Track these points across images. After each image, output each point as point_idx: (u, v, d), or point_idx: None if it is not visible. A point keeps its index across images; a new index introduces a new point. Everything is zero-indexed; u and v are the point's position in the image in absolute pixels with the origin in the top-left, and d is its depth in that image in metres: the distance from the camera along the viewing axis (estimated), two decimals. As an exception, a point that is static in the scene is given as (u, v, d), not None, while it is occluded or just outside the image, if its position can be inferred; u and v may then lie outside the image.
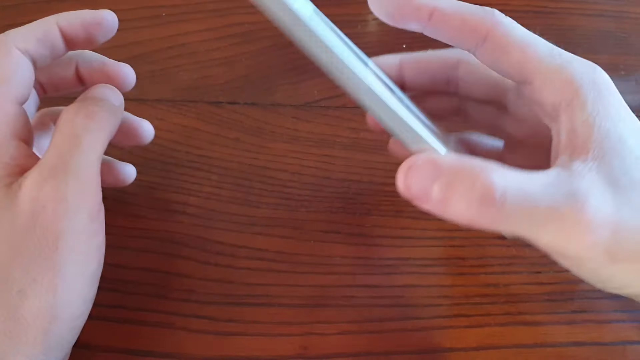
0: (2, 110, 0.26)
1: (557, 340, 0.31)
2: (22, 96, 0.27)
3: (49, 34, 0.28)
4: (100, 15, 0.29)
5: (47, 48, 0.28)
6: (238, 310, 0.31)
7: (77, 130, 0.26)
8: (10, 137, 0.26)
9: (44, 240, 0.24)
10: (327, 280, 0.32)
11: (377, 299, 0.31)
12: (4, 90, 0.27)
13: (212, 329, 0.30)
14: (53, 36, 0.28)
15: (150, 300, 0.31)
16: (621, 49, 0.39)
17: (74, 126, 0.26)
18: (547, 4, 0.39)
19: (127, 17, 0.38)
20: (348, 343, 0.30)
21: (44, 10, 0.38)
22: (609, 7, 0.40)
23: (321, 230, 0.33)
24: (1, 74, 0.27)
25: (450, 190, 0.21)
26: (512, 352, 0.30)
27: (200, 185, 0.34)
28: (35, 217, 0.24)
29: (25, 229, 0.24)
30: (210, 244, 0.32)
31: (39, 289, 0.24)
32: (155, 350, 0.30)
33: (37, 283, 0.24)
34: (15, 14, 0.38)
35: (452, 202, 0.21)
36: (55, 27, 0.28)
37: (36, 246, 0.24)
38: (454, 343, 0.30)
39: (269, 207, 0.34)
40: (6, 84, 0.27)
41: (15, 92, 0.27)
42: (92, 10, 0.28)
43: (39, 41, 0.28)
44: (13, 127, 0.26)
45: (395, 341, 0.31)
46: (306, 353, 0.30)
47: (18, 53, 0.27)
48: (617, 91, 0.23)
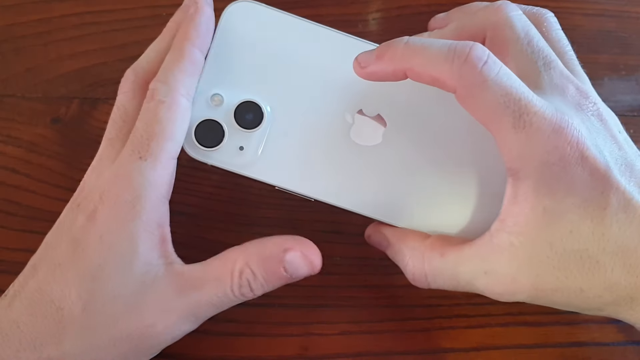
0: (166, 169, 0.26)
1: (557, 341, 0.31)
2: (179, 150, 0.27)
3: (198, 64, 0.28)
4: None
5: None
6: (238, 311, 0.31)
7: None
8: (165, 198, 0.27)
9: (126, 212, 0.26)
10: (328, 280, 0.32)
11: (377, 299, 0.31)
12: (169, 148, 0.26)
13: (212, 330, 0.30)
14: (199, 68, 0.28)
15: (150, 300, 0.31)
16: (622, 48, 0.39)
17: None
18: (548, 4, 0.39)
19: (127, 17, 0.38)
20: (348, 343, 0.30)
21: (43, 10, 0.38)
22: (610, 7, 0.40)
23: (321, 231, 0.33)
24: (168, 128, 0.26)
25: (394, 259, 0.29)
26: (512, 352, 0.30)
27: (200, 185, 0.34)
28: None
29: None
30: (210, 244, 0.32)
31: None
32: (155, 351, 0.29)
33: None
34: (15, 13, 0.38)
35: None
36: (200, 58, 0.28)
37: (115, 217, 0.26)
38: (455, 343, 0.30)
39: (269, 208, 0.34)
40: (172, 141, 0.26)
41: (177, 147, 0.27)
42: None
43: (194, 78, 0.28)
44: (169, 189, 0.27)
45: (396, 341, 0.31)
46: (306, 353, 0.30)
47: (185, 103, 0.27)
48: (577, 160, 0.24)
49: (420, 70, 0.25)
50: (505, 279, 0.25)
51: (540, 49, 0.27)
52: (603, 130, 0.26)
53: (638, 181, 0.25)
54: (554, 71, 0.27)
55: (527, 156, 0.24)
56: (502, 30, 0.27)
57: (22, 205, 0.33)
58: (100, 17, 0.38)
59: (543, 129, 0.24)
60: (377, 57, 0.26)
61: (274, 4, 0.29)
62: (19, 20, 0.38)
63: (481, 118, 0.25)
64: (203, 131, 0.28)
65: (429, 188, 0.29)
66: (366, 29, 0.38)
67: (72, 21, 0.38)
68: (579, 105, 0.26)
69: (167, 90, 0.26)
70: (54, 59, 0.37)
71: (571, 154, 0.24)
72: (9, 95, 0.36)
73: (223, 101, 0.29)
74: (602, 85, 0.38)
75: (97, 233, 0.25)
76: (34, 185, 0.34)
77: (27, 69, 0.37)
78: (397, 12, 0.39)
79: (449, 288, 0.27)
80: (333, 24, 0.29)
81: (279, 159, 0.29)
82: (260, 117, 0.28)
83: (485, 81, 0.24)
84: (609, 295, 0.25)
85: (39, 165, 0.34)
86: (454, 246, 0.27)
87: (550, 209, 0.24)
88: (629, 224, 0.24)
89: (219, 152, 0.29)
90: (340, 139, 0.29)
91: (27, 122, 0.35)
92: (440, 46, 0.25)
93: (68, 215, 0.27)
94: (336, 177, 0.29)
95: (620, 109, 0.37)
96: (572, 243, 0.24)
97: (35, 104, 0.36)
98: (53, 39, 0.38)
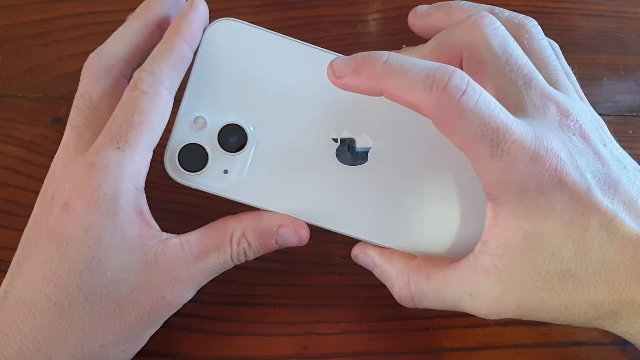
0: (143, 160, 0.26)
1: (556, 340, 0.31)
2: (156, 142, 0.27)
3: (186, 60, 0.28)
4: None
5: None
6: (238, 310, 0.31)
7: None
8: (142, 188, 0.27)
9: (107, 205, 0.26)
10: (327, 280, 0.32)
11: (377, 299, 0.31)
12: (148, 139, 0.26)
13: (212, 329, 0.30)
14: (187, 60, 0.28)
15: (150, 300, 0.31)
16: (621, 49, 0.39)
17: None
18: (547, 4, 0.39)
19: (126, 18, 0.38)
20: (348, 343, 0.30)
21: (44, 10, 0.38)
22: (608, 7, 0.40)
23: (321, 230, 0.33)
24: (149, 119, 0.26)
25: (381, 279, 0.29)
26: (512, 351, 0.30)
27: (201, 185, 0.34)
28: None
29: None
30: (210, 244, 0.32)
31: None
32: (156, 350, 0.30)
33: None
34: (16, 14, 0.38)
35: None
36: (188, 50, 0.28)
37: (99, 210, 0.26)
38: (454, 343, 0.30)
39: (269, 207, 0.34)
40: (151, 132, 0.26)
41: (155, 140, 0.27)
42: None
43: (180, 74, 0.27)
44: (144, 179, 0.27)
45: (396, 341, 0.31)
46: (306, 353, 0.30)
47: (167, 96, 0.27)
48: (556, 186, 0.24)
49: (397, 94, 0.25)
50: (490, 300, 0.26)
51: (520, 66, 0.26)
52: (585, 149, 0.26)
53: (622, 198, 0.25)
54: (534, 90, 0.26)
55: (504, 183, 0.24)
56: (478, 51, 0.27)
57: (22, 205, 0.33)
58: (100, 17, 0.38)
59: (521, 158, 0.24)
60: (354, 70, 0.25)
61: (274, 5, 0.29)
62: (19, 20, 0.38)
63: (458, 145, 0.25)
64: (186, 155, 0.28)
65: (414, 208, 0.29)
66: (366, 29, 0.38)
67: (73, 21, 0.38)
68: (560, 126, 0.26)
69: (152, 81, 0.26)
70: (54, 59, 0.37)
71: (549, 180, 0.24)
72: (10, 95, 0.36)
73: (206, 124, 0.28)
74: (601, 85, 0.38)
75: (80, 226, 0.25)
76: (35, 185, 0.34)
77: (27, 69, 0.37)
78: (396, 13, 0.39)
79: (435, 308, 0.28)
80: (333, 24, 0.29)
81: (263, 182, 0.28)
82: (245, 139, 0.28)
83: (463, 111, 0.23)
84: (593, 312, 0.25)
85: (39, 165, 0.34)
86: (439, 268, 0.27)
87: (530, 233, 0.25)
88: (611, 243, 0.25)
89: (202, 176, 0.28)
90: (325, 160, 0.29)
91: (28, 122, 0.36)
92: (419, 71, 0.24)
93: (43, 208, 0.27)
94: (321, 198, 0.29)
95: (619, 109, 0.37)
96: (555, 264, 0.25)
97: (36, 104, 0.36)
98: (54, 39, 0.38)
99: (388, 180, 0.29)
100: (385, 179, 0.29)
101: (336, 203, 0.29)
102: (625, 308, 0.25)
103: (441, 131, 0.25)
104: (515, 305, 0.26)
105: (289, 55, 0.28)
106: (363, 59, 0.25)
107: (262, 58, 0.28)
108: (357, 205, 0.29)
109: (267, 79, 0.28)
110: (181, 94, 0.28)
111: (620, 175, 0.26)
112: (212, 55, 0.28)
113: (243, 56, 0.28)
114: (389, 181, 0.29)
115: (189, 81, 0.28)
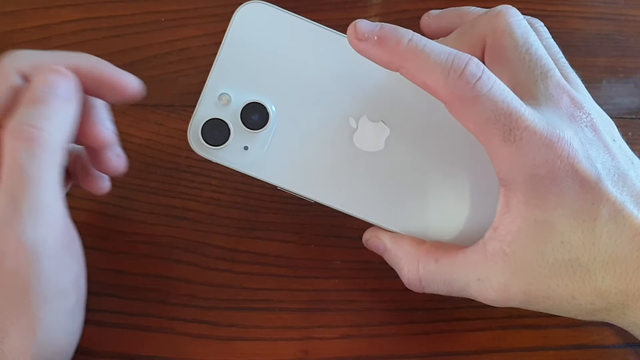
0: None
1: (558, 343, 0.31)
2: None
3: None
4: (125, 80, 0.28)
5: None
6: (239, 315, 0.31)
7: (20, 160, 0.24)
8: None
9: (12, 287, 0.24)
10: (328, 284, 0.32)
11: (378, 303, 0.31)
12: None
13: (213, 334, 0.30)
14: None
15: (150, 305, 0.31)
16: (620, 51, 0.39)
17: (16, 155, 0.24)
18: (546, 7, 0.39)
19: (126, 23, 0.38)
20: (348, 347, 0.30)
21: (42, 17, 0.38)
22: (607, 10, 0.40)
23: (321, 235, 0.33)
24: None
25: (390, 263, 0.29)
26: (512, 355, 0.30)
27: (200, 190, 0.34)
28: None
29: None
30: (210, 248, 0.32)
31: (17, 330, 0.24)
32: (156, 356, 0.30)
33: (15, 325, 0.24)
34: (15, 20, 0.38)
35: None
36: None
37: (5, 293, 0.24)
38: (455, 347, 0.30)
39: (269, 212, 0.34)
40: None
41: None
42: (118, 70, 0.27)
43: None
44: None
45: (396, 345, 0.31)
46: (307, 357, 0.30)
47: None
48: (568, 173, 0.25)
49: (415, 73, 0.25)
50: (497, 286, 0.26)
51: (539, 57, 0.27)
52: (596, 141, 0.26)
53: (630, 191, 0.26)
54: (550, 81, 0.27)
55: (517, 169, 0.25)
56: (501, 38, 0.27)
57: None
58: (99, 23, 0.38)
59: (533, 143, 0.24)
60: (378, 40, 0.25)
61: (275, 7, 0.29)
62: (18, 26, 0.38)
63: (471, 130, 0.25)
64: (209, 129, 0.29)
65: (427, 194, 0.29)
66: (365, 33, 0.38)
67: (72, 27, 0.38)
68: (572, 117, 0.26)
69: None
70: (53, 65, 0.37)
71: (561, 167, 0.24)
72: (9, 102, 0.36)
73: (230, 101, 0.29)
74: (600, 88, 0.38)
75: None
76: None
77: (27, 75, 0.37)
78: (395, 17, 0.40)
79: (442, 293, 0.28)
80: (332, 28, 0.29)
81: (282, 160, 0.29)
82: (266, 118, 0.29)
83: (477, 96, 0.24)
84: (600, 302, 0.26)
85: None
86: (449, 252, 0.27)
87: (541, 220, 0.25)
88: (620, 233, 0.25)
89: (224, 150, 0.29)
90: (342, 143, 0.29)
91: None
92: (439, 55, 0.25)
93: None
94: (337, 181, 0.29)
95: (619, 112, 0.37)
96: (563, 253, 0.25)
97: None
98: (52, 45, 0.38)
99: (403, 167, 0.29)
100: (400, 165, 0.29)
101: (351, 186, 0.29)
102: (633, 299, 0.25)
103: (455, 115, 0.25)
104: (522, 293, 0.26)
105: (314, 40, 0.29)
106: (390, 31, 0.26)
107: (288, 41, 0.29)
108: (371, 189, 0.29)
109: (292, 61, 0.29)
110: (208, 70, 0.29)
111: (628, 169, 0.26)
112: (240, 36, 0.29)
113: (270, 38, 0.29)
114: (404, 168, 0.29)
115: (217, 58, 0.29)
